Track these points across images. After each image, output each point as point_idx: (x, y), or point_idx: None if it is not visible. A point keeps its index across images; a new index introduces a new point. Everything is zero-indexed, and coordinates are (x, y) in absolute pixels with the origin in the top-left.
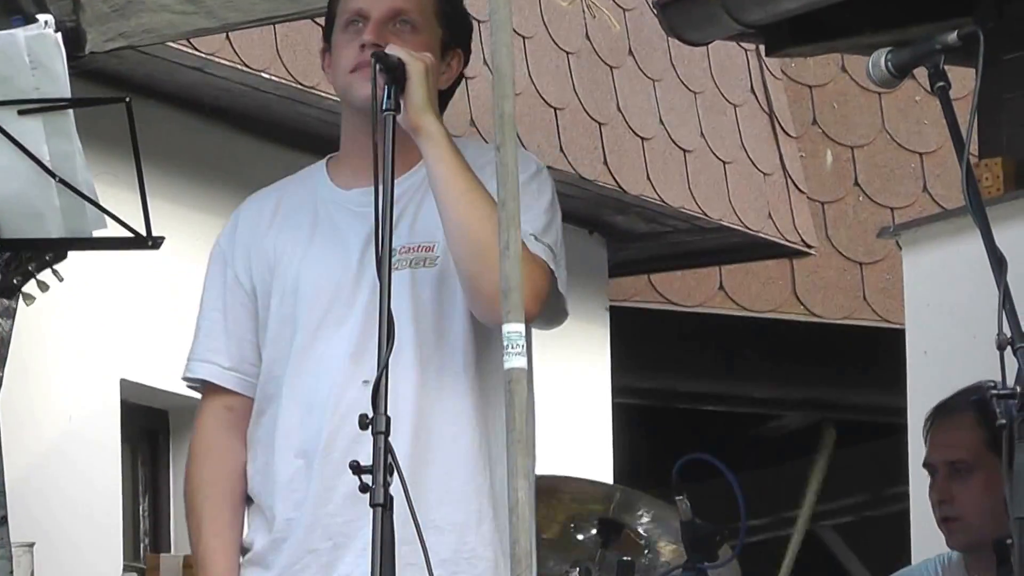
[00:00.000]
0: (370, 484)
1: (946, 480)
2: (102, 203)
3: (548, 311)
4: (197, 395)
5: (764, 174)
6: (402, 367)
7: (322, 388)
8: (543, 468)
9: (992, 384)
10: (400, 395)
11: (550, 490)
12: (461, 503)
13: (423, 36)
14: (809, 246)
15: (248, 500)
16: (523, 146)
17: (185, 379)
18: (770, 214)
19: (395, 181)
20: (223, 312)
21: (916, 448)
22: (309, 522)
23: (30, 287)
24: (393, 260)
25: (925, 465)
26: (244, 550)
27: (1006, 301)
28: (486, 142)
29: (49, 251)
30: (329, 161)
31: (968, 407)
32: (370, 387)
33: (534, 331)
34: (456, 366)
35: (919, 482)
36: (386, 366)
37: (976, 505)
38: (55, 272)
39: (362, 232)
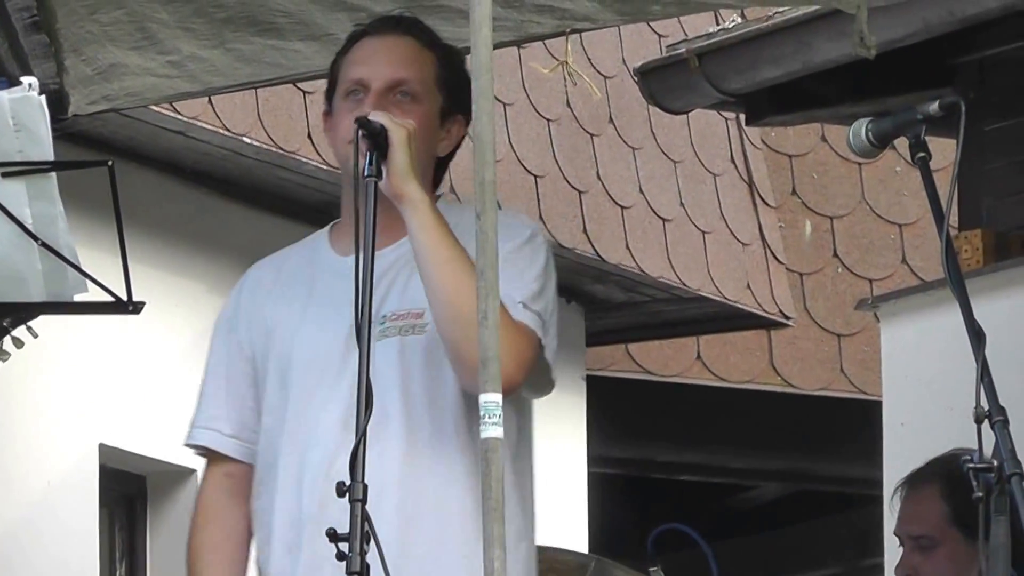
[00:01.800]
0: (347, 552)
1: (911, 554)
2: (83, 267)
3: (534, 380)
4: (175, 461)
5: (743, 244)
6: (390, 435)
7: (314, 456)
8: None
9: (964, 453)
10: (387, 462)
11: None
12: (452, 570)
13: (424, 106)
14: (787, 317)
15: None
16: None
17: (187, 445)
18: (748, 284)
19: (387, 248)
20: (226, 379)
21: (891, 520)
22: None
23: (6, 344)
24: (383, 327)
25: (895, 535)
26: None
27: (984, 374)
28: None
29: (31, 314)
30: (332, 227)
31: (935, 479)
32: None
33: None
34: (447, 431)
35: (894, 554)
36: (364, 434)
37: None
38: (30, 329)
39: (354, 298)
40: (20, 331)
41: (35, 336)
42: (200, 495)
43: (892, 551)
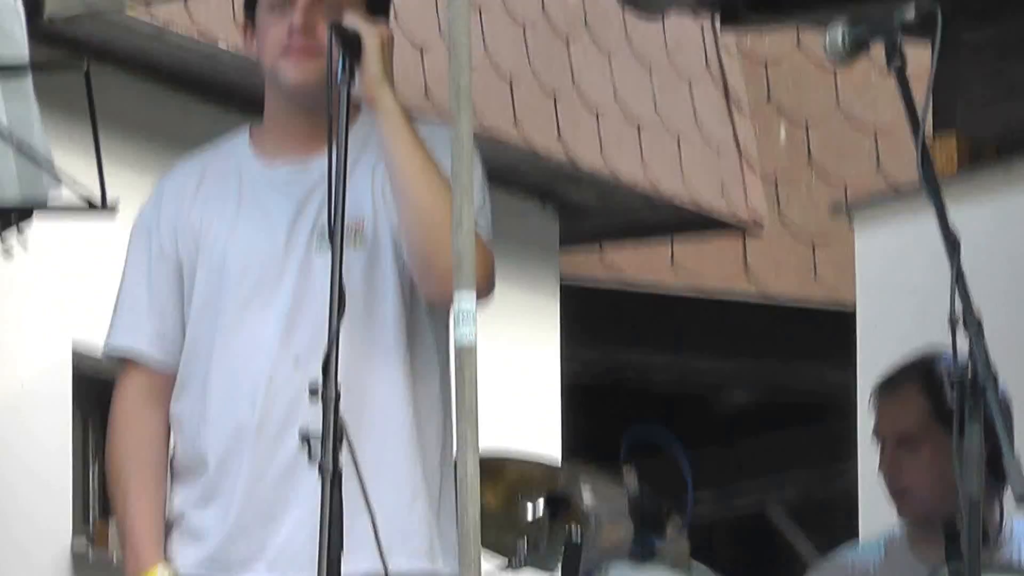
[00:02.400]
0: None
1: (894, 452)
2: (58, 169)
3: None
4: None
5: (717, 150)
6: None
7: (252, 368)
8: (493, 443)
9: (942, 351)
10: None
11: (497, 466)
12: (393, 482)
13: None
14: (761, 223)
15: (173, 473)
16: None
17: (106, 354)
18: (723, 190)
19: (319, 158)
20: (147, 286)
21: (865, 426)
22: (243, 499)
23: None
24: (318, 241)
25: (874, 435)
26: (171, 522)
27: (958, 281)
28: (438, 117)
29: (5, 219)
30: (252, 131)
31: (914, 378)
32: (302, 365)
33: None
34: (387, 345)
35: (868, 460)
36: (336, 336)
37: (925, 478)
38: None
39: (288, 210)
40: (12, 239)
41: (25, 249)
42: (116, 402)
43: (866, 458)
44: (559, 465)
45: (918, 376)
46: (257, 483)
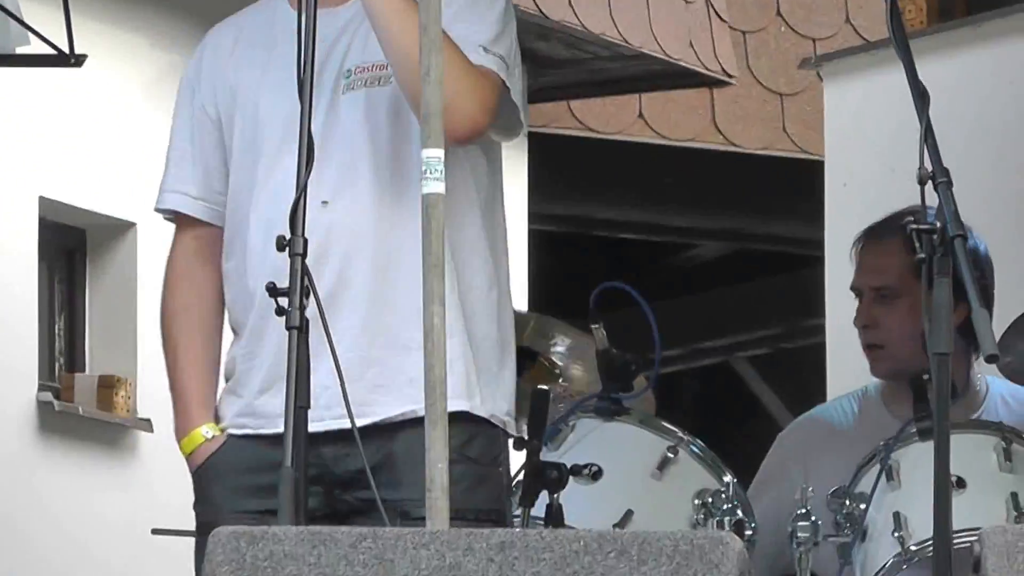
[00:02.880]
0: (287, 307)
1: (871, 305)
2: (26, 20)
3: (504, 121)
4: (115, 214)
5: (686, 2)
6: (360, 189)
7: (284, 212)
8: None
9: (924, 208)
10: (358, 216)
11: None
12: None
13: None
14: (730, 75)
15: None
16: None
17: (157, 210)
18: (691, 42)
19: (341, 7)
20: (191, 142)
21: (833, 280)
22: (275, 351)
23: None
24: (348, 80)
25: (852, 288)
26: (227, 376)
27: (928, 135)
28: None
29: None
30: None
31: (896, 232)
32: (329, 207)
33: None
34: (414, 184)
35: (836, 314)
36: (304, 189)
37: (901, 331)
38: None
39: (318, 55)
40: None
41: None
42: (170, 259)
43: (834, 311)
44: (528, 314)
45: (900, 231)
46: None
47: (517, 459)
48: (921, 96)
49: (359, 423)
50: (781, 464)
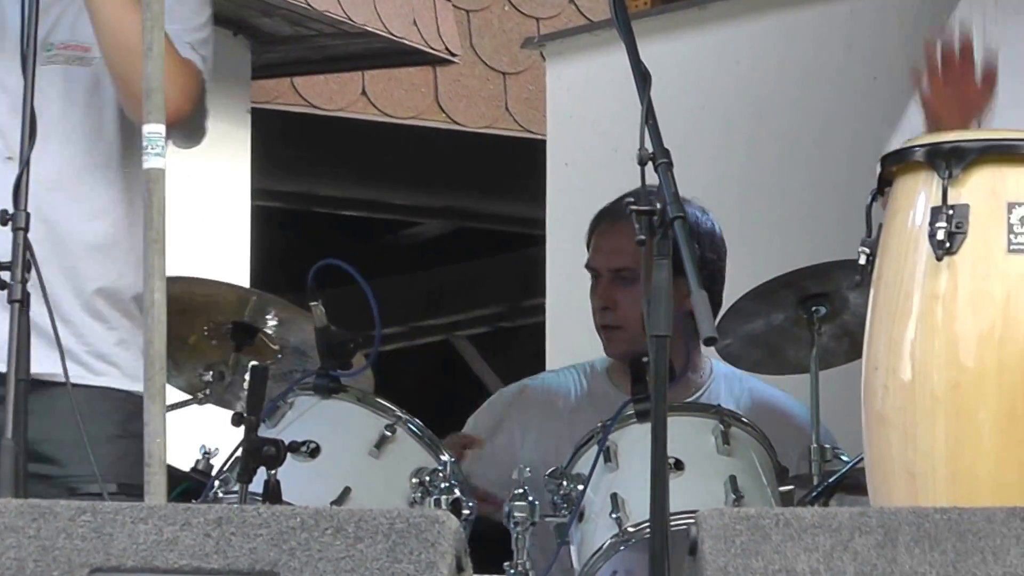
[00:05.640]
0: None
1: (609, 286)
2: None
3: (191, 124)
4: None
5: None
6: (45, 158)
7: None
8: (180, 270)
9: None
10: (41, 182)
11: (185, 293)
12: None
13: None
14: (453, 54)
15: None
16: None
17: None
18: (415, 20)
19: None
20: None
21: (554, 260)
22: None
23: None
24: (49, 54)
25: (589, 268)
26: None
27: (649, 116)
28: None
29: None
30: None
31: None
32: (13, 164)
33: None
34: (106, 155)
35: (556, 294)
36: (27, 163)
37: (638, 313)
38: None
39: (20, 21)
40: None
41: None
42: None
43: (555, 291)
44: (248, 290)
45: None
46: None
47: (236, 435)
48: (643, 77)
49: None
50: (498, 419)
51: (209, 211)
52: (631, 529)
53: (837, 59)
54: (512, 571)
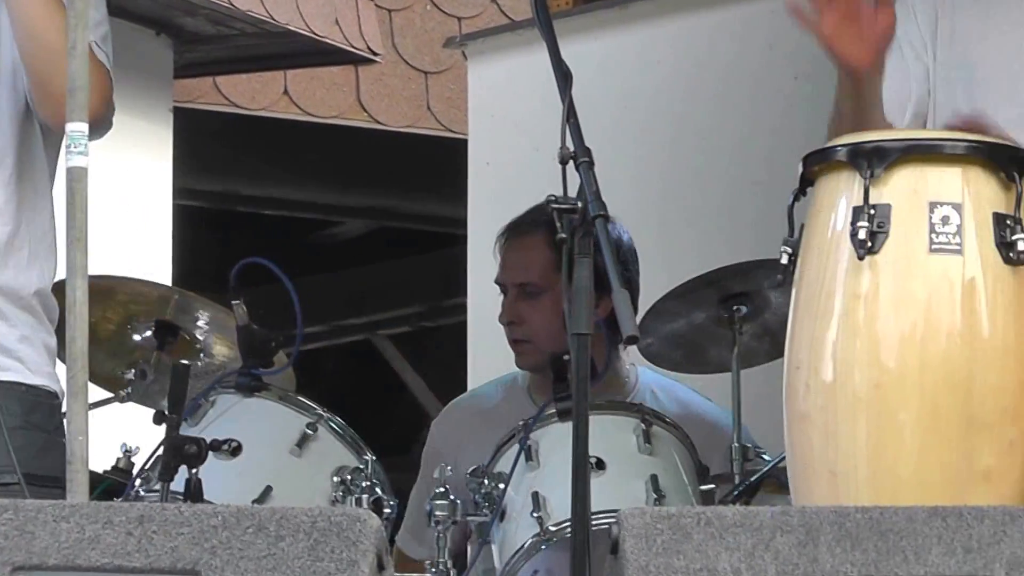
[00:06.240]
0: None
1: (515, 301)
2: None
3: (104, 124)
4: None
5: None
6: None
7: None
8: (102, 268)
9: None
10: None
11: (107, 290)
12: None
13: None
14: (375, 53)
15: None
16: None
17: None
18: (337, 20)
19: None
20: None
21: (475, 259)
22: None
23: None
24: None
25: (497, 283)
26: None
27: (570, 115)
28: None
29: None
30: None
31: (540, 227)
32: None
33: None
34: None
35: (477, 293)
36: None
37: (546, 327)
38: None
39: None
40: None
41: None
42: None
43: (476, 291)
44: (171, 288)
45: (544, 226)
46: None
47: (157, 434)
48: (564, 76)
49: None
50: (434, 452)
51: (131, 210)
52: (552, 528)
53: (758, 59)
54: (433, 570)
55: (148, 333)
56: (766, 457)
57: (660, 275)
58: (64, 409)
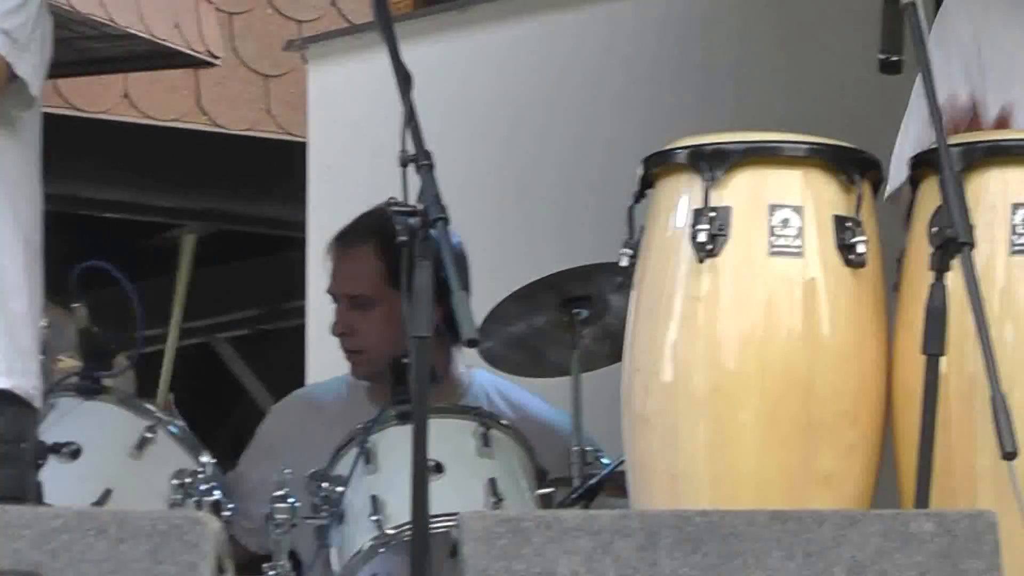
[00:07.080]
0: None
1: (347, 312)
2: None
3: (14, 96)
4: None
5: None
6: None
7: None
8: None
9: (395, 200)
10: None
11: None
12: None
13: None
14: (215, 56)
15: None
16: None
17: None
18: (177, 23)
19: None
20: None
21: (314, 262)
22: None
23: None
24: None
25: (328, 292)
26: None
27: (410, 118)
28: None
29: None
30: None
31: (369, 237)
32: None
33: None
34: None
35: (316, 296)
36: None
37: (378, 338)
38: None
39: None
40: None
41: None
42: None
43: (315, 294)
44: None
45: (373, 235)
46: None
47: None
48: (404, 78)
49: None
50: (271, 439)
51: None
52: (391, 531)
53: (595, 62)
54: (272, 573)
55: None
56: (605, 460)
57: (495, 278)
58: None
